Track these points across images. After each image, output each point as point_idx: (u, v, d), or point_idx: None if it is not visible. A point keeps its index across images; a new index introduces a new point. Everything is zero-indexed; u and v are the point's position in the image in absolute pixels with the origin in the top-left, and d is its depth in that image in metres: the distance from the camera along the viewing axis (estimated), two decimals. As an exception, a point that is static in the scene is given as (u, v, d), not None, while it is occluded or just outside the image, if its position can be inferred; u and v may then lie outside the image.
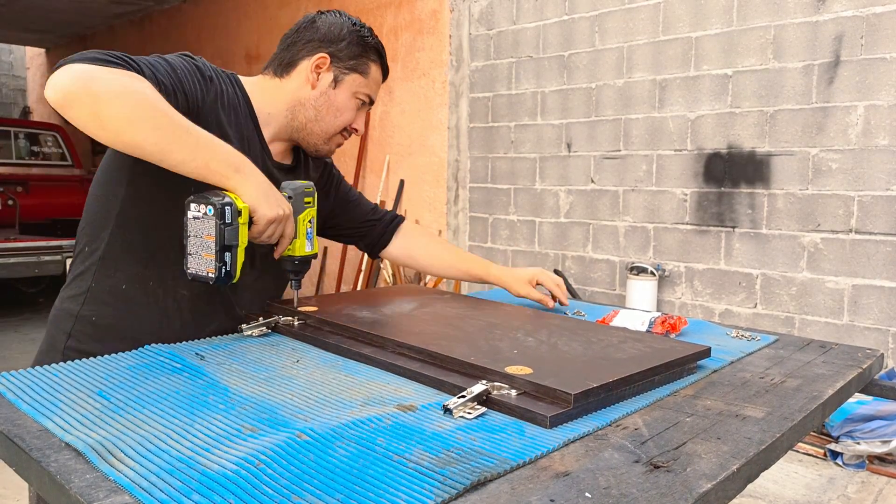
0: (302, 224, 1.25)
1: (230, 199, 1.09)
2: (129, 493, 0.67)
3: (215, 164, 1.09)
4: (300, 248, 1.26)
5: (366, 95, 1.41)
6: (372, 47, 1.41)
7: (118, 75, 1.05)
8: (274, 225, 1.16)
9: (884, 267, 3.29)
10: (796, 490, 2.88)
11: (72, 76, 1.04)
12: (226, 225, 1.08)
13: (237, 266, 1.12)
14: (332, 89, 1.37)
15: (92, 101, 1.02)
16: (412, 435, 0.83)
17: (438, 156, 5.22)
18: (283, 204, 1.18)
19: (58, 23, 9.75)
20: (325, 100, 1.37)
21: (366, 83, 1.40)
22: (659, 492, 0.72)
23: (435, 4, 5.18)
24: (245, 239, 1.12)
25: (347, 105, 1.39)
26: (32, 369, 1.05)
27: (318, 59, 1.36)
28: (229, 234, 1.09)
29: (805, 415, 0.99)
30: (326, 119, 1.38)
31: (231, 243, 1.10)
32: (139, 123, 1.03)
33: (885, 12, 3.22)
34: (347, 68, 1.38)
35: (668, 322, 1.43)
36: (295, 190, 1.24)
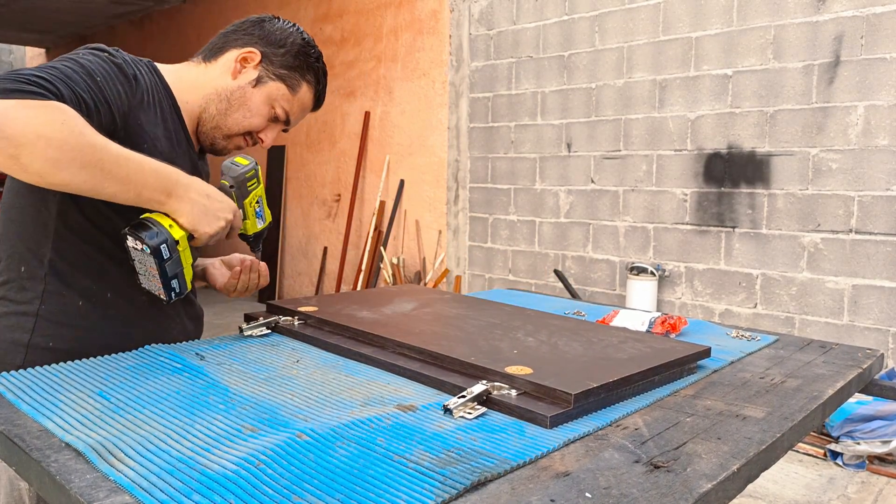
0: (249, 206, 1.24)
1: (164, 234, 1.05)
2: (129, 493, 0.67)
3: (147, 192, 1.05)
4: (251, 226, 1.26)
5: (283, 111, 1.31)
6: (312, 69, 1.33)
7: (35, 110, 0.93)
8: (215, 236, 1.13)
9: (884, 267, 3.29)
10: (796, 490, 2.88)
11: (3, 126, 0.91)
12: (165, 261, 1.06)
13: (187, 281, 1.12)
14: (251, 87, 1.28)
15: (8, 145, 0.91)
16: (412, 435, 0.83)
17: (438, 156, 5.22)
18: (225, 210, 1.13)
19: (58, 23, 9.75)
20: (240, 94, 1.28)
21: (288, 98, 1.31)
22: (659, 492, 0.72)
23: (435, 4, 5.18)
24: (189, 258, 1.11)
25: (260, 110, 1.29)
26: (32, 369, 1.05)
27: (247, 51, 1.28)
28: (170, 267, 1.08)
29: (805, 415, 0.99)
30: (235, 115, 1.29)
31: (175, 272, 1.09)
32: (65, 165, 0.95)
33: (885, 12, 3.22)
34: (275, 74, 1.29)
35: (669, 322, 1.43)
36: (236, 178, 1.23)
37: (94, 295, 1.19)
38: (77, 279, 1.18)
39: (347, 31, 5.98)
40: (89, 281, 1.18)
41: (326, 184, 6.33)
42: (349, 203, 5.95)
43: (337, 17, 6.09)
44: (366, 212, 5.89)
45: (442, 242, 5.20)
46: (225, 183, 1.22)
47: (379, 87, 5.69)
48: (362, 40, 5.84)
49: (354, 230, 5.99)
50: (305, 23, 6.36)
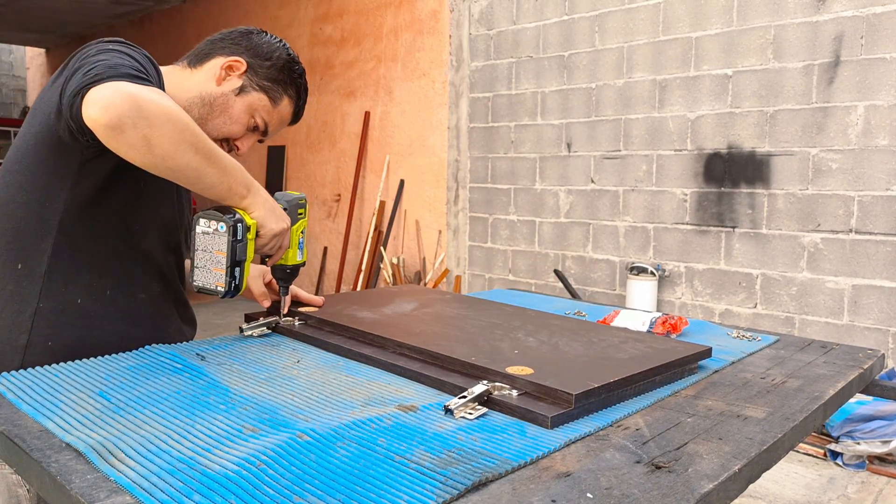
0: (295, 234, 1.28)
1: (240, 217, 1.13)
2: (129, 493, 0.67)
3: (236, 185, 1.13)
4: (292, 257, 1.29)
5: (263, 121, 1.33)
6: (295, 84, 1.36)
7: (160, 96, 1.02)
8: (277, 238, 1.20)
9: (884, 267, 3.29)
10: (796, 490, 2.88)
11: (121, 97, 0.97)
12: (237, 241, 1.12)
13: (244, 279, 1.16)
14: (234, 95, 1.29)
15: (146, 125, 0.98)
16: (413, 435, 0.83)
17: (438, 156, 5.22)
18: (285, 218, 1.21)
19: (58, 23, 9.75)
20: (222, 101, 1.29)
21: (269, 110, 1.33)
22: (660, 492, 0.72)
23: (435, 4, 5.18)
24: (252, 253, 1.16)
25: (240, 118, 1.30)
26: (33, 369, 1.05)
27: (234, 60, 1.30)
28: (240, 249, 1.13)
29: (806, 415, 0.99)
30: (216, 121, 1.29)
31: (241, 258, 1.14)
32: (185, 148, 1.02)
33: (885, 12, 3.22)
34: (259, 86, 1.31)
35: (669, 322, 1.43)
36: (290, 202, 1.27)
37: (95, 292, 1.18)
38: (77, 275, 1.17)
39: (347, 31, 5.98)
40: (91, 276, 1.18)
41: (326, 184, 6.33)
42: (349, 203, 5.95)
43: (337, 17, 6.09)
44: (366, 212, 5.89)
45: (442, 242, 5.20)
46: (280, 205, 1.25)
47: (379, 87, 5.69)
48: (362, 40, 5.84)
49: (354, 230, 5.99)
50: (305, 23, 6.36)
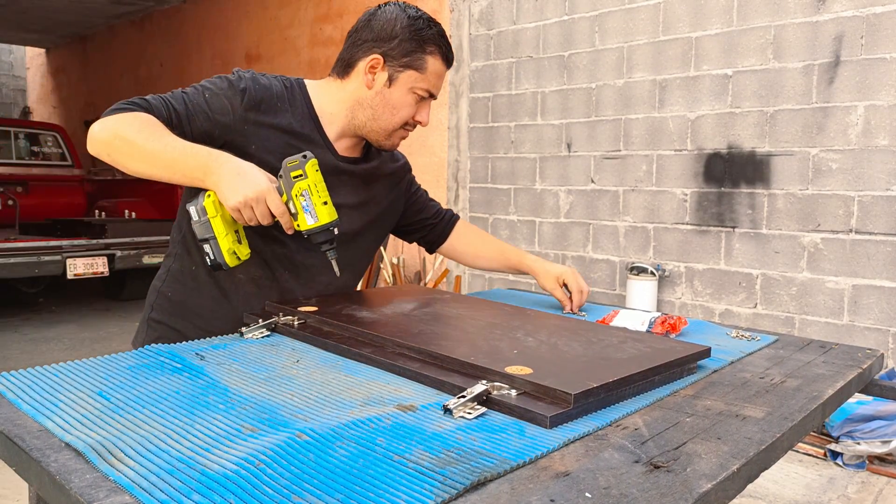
0: (296, 199, 1.26)
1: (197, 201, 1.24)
2: (129, 493, 0.67)
3: (189, 172, 1.24)
4: (302, 222, 1.27)
5: (424, 90, 1.42)
6: (428, 40, 1.40)
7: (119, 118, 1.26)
8: (245, 208, 1.21)
9: (884, 267, 3.29)
10: (796, 490, 2.88)
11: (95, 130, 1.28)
12: (194, 223, 1.24)
13: (222, 253, 1.24)
14: (387, 88, 1.40)
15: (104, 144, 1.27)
16: (412, 435, 0.83)
17: (438, 156, 5.22)
18: (250, 186, 1.20)
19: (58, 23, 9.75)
20: (380, 99, 1.41)
21: (422, 78, 1.41)
22: (659, 492, 0.72)
23: (435, 4, 5.18)
24: (222, 228, 1.24)
25: (404, 101, 1.41)
26: (32, 369, 1.05)
27: (372, 60, 1.40)
28: (199, 229, 1.24)
29: (805, 415, 0.99)
30: (384, 117, 1.42)
31: (204, 237, 1.24)
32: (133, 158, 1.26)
33: (885, 12, 3.22)
34: (401, 66, 1.39)
35: (668, 322, 1.43)
36: (282, 168, 1.26)
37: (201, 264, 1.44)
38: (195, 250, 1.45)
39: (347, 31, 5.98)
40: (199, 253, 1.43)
41: (326, 184, 6.33)
42: (349, 203, 5.95)
43: (337, 17, 6.09)
44: (366, 212, 5.89)
45: (442, 242, 5.20)
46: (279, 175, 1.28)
47: (379, 87, 5.69)
48: (362, 40, 5.83)
49: (354, 230, 5.99)
50: (305, 23, 6.36)
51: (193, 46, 7.91)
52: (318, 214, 1.27)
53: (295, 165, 1.26)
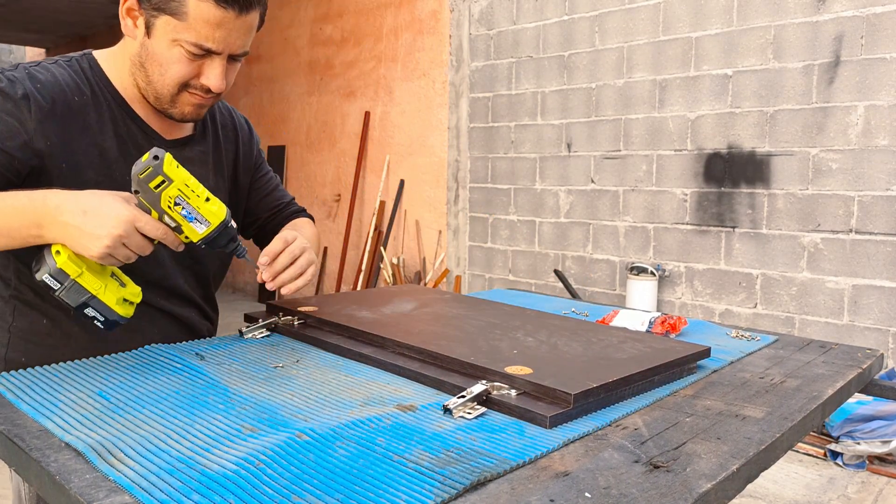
0: (171, 211, 1.00)
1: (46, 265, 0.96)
2: (128, 493, 0.67)
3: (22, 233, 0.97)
4: (191, 233, 1.02)
5: (192, 44, 1.06)
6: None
7: None
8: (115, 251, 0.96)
9: (884, 267, 3.29)
10: (796, 490, 2.88)
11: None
12: (59, 292, 0.97)
13: (111, 308, 1.00)
14: (147, 38, 1.09)
15: None
16: (412, 435, 0.83)
17: (438, 156, 5.22)
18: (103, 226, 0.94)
19: (58, 23, 9.75)
20: (144, 54, 1.10)
21: (185, 27, 1.05)
22: (659, 492, 0.72)
23: (435, 4, 5.18)
24: (95, 282, 0.99)
25: (168, 56, 1.08)
26: (32, 369, 1.05)
27: (125, 1, 1.09)
28: (68, 296, 0.98)
29: (805, 415, 0.99)
30: (154, 76, 1.11)
31: (80, 301, 0.98)
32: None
33: (885, 12, 3.22)
34: (154, 8, 1.06)
35: (668, 322, 1.43)
36: (134, 181, 0.98)
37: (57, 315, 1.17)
38: (38, 302, 1.17)
39: (347, 31, 5.98)
40: (49, 305, 1.16)
41: (326, 184, 6.34)
42: (349, 203, 5.95)
43: (337, 17, 6.09)
44: (366, 212, 5.89)
45: (442, 242, 5.20)
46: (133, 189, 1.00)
47: (379, 87, 5.69)
48: (362, 40, 5.84)
49: (354, 230, 5.99)
50: (305, 23, 6.36)
51: (193, 46, 7.91)
52: (207, 216, 1.02)
53: (150, 174, 0.98)
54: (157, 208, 0.99)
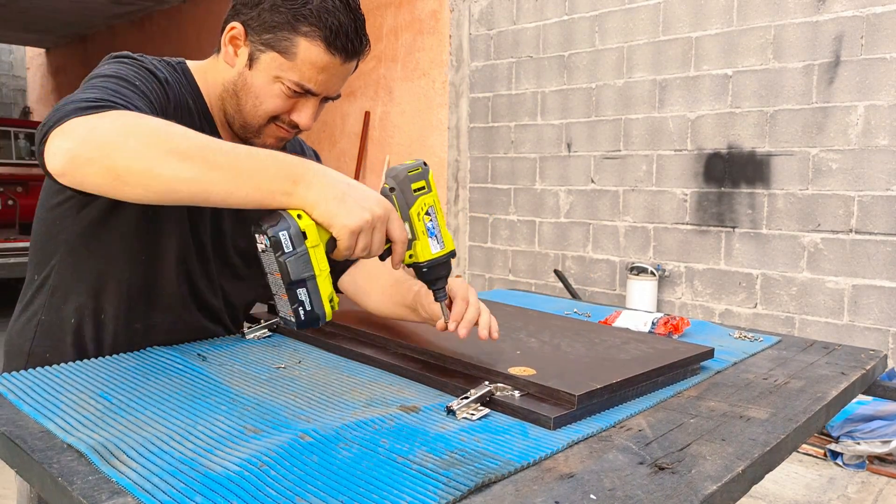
0: (417, 219, 0.95)
1: (286, 221, 0.84)
2: (131, 494, 0.67)
3: (267, 181, 0.84)
4: (423, 250, 0.96)
5: (294, 84, 1.06)
6: (304, 16, 1.03)
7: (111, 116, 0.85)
8: (364, 234, 0.87)
9: (884, 267, 3.29)
10: (796, 490, 2.88)
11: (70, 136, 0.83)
12: (286, 255, 0.83)
13: (321, 300, 0.87)
14: (248, 69, 1.08)
15: (101, 155, 0.81)
16: (415, 436, 0.83)
17: (438, 156, 5.21)
18: (372, 201, 0.88)
19: (58, 23, 9.74)
20: (241, 83, 1.09)
21: (291, 67, 1.05)
22: (664, 493, 0.71)
23: (435, 4, 5.17)
24: (324, 264, 0.86)
25: (267, 91, 1.08)
26: (34, 370, 1.05)
27: (230, 29, 1.08)
28: (294, 265, 0.84)
29: (809, 416, 0.99)
30: (248, 107, 1.10)
31: (301, 276, 0.84)
32: (164, 159, 0.81)
33: (885, 12, 3.22)
34: (263, 44, 1.06)
35: (671, 323, 1.43)
36: (396, 177, 0.94)
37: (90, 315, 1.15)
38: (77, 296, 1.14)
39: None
40: (87, 299, 1.14)
41: (326, 184, 6.33)
42: (349, 203, 5.95)
43: (337, 16, 6.08)
44: (365, 212, 5.88)
45: (442, 242, 5.20)
46: (385, 186, 0.95)
47: (379, 87, 5.69)
48: (362, 40, 5.83)
49: (354, 230, 5.98)
50: (305, 23, 6.35)
51: (193, 46, 7.90)
52: (445, 238, 0.97)
53: (417, 175, 0.95)
54: (405, 213, 0.94)
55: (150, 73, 1.05)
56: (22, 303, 1.19)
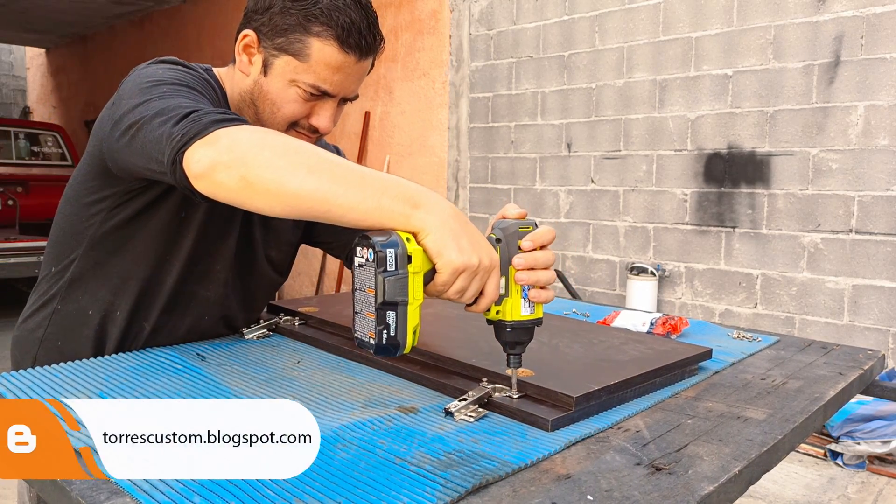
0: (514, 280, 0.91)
1: (395, 240, 0.81)
2: (130, 495, 0.67)
3: (389, 200, 0.83)
4: (512, 309, 0.91)
5: (310, 86, 1.07)
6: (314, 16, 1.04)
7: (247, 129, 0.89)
8: (465, 276, 0.84)
9: (884, 267, 3.29)
10: (796, 490, 2.88)
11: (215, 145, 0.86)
12: (387, 274, 0.80)
13: (407, 330, 0.83)
14: (263, 76, 1.09)
15: (238, 164, 0.84)
16: (413, 437, 0.83)
17: (438, 156, 5.22)
18: (483, 249, 0.85)
19: (58, 23, 9.74)
20: (257, 91, 1.10)
21: (306, 68, 1.06)
22: (661, 494, 0.72)
23: (435, 4, 5.18)
24: (420, 293, 0.84)
25: (284, 96, 1.08)
26: (33, 370, 1.05)
27: (243, 37, 1.10)
28: (392, 286, 0.81)
29: (807, 416, 0.99)
30: (266, 114, 1.11)
31: (395, 299, 0.81)
32: (293, 170, 0.83)
33: (885, 12, 3.21)
34: (276, 48, 1.07)
35: (669, 323, 1.43)
36: (506, 230, 0.91)
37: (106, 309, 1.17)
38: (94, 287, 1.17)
39: (347, 31, 5.97)
40: (106, 293, 1.17)
41: (326, 184, 6.33)
42: (349, 203, 5.95)
43: (337, 16, 6.08)
44: (366, 212, 5.88)
45: (442, 242, 5.20)
46: (492, 235, 0.91)
47: (379, 87, 5.69)
48: (362, 40, 5.83)
49: (354, 230, 5.98)
50: (305, 23, 6.35)
51: (193, 46, 7.91)
52: (535, 305, 0.92)
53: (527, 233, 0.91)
54: (505, 268, 0.90)
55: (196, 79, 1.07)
56: (37, 293, 1.22)
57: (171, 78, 1.02)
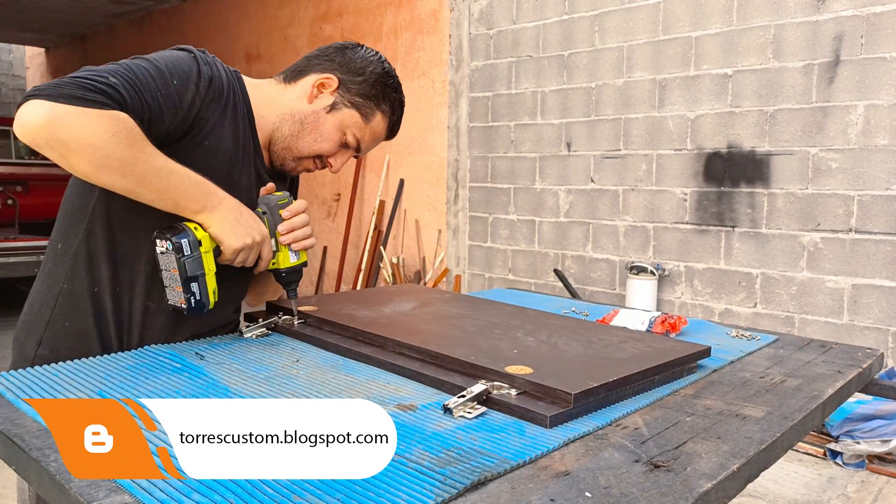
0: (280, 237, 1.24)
1: (188, 234, 1.11)
2: (128, 492, 0.67)
3: (183, 202, 1.11)
4: (283, 260, 1.25)
5: (354, 138, 1.33)
6: (389, 99, 1.35)
7: (90, 119, 1.00)
8: (244, 252, 1.16)
9: (884, 266, 3.29)
10: (796, 489, 2.88)
11: (39, 118, 0.99)
12: (185, 257, 1.11)
13: (208, 293, 1.14)
14: (325, 112, 1.31)
15: (60, 147, 1.01)
16: (412, 434, 0.83)
17: (438, 155, 5.22)
18: (254, 230, 1.17)
19: (58, 23, 9.74)
20: (313, 119, 1.31)
21: (361, 126, 1.33)
22: (659, 491, 0.72)
23: (435, 4, 5.18)
24: (212, 265, 1.14)
25: (331, 135, 1.32)
26: (32, 369, 1.05)
27: (325, 77, 1.31)
28: (190, 265, 1.11)
29: (805, 414, 0.99)
30: (306, 139, 1.31)
31: (194, 273, 1.12)
32: (107, 171, 1.04)
33: (885, 12, 3.21)
34: (350, 102, 1.32)
35: (668, 322, 1.43)
36: (268, 204, 1.24)
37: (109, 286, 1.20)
38: (99, 265, 1.20)
39: (347, 31, 5.97)
40: (107, 269, 1.19)
41: (326, 183, 6.33)
42: (349, 202, 5.95)
43: (337, 16, 6.09)
44: (365, 211, 5.89)
45: (442, 242, 5.20)
46: (259, 209, 1.23)
47: (379, 87, 5.68)
48: (362, 40, 5.82)
49: (354, 230, 5.99)
50: (305, 22, 6.36)
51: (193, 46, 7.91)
52: (300, 252, 1.27)
53: (285, 203, 1.25)
54: (273, 231, 1.23)
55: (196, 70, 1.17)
56: (43, 273, 1.26)
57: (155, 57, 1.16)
